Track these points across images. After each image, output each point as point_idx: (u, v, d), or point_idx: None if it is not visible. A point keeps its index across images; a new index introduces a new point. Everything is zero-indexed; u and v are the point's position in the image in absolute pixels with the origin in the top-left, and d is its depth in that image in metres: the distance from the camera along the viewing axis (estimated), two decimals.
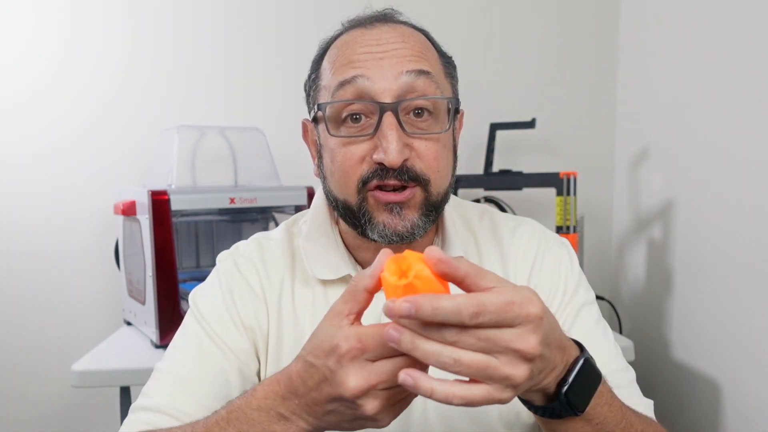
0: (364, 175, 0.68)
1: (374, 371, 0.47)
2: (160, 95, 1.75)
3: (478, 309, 0.44)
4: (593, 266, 1.91)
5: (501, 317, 0.45)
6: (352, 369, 0.48)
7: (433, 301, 0.43)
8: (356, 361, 0.48)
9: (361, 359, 0.48)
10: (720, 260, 1.42)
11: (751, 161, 1.32)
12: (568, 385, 0.53)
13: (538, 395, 0.54)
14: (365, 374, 0.47)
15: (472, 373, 0.45)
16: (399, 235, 0.69)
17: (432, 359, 0.45)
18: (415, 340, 0.45)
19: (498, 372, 0.45)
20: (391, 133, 0.66)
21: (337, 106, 0.69)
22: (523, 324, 0.45)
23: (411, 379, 0.45)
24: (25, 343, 1.73)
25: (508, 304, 0.45)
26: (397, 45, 0.69)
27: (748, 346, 1.34)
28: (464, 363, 0.44)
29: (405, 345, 0.45)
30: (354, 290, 0.50)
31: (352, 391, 0.47)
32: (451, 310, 0.43)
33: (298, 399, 0.51)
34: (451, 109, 0.71)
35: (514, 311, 0.45)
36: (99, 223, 1.73)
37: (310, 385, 0.50)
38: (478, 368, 0.45)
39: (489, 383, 0.45)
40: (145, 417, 0.69)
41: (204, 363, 0.73)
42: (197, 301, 0.78)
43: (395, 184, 0.68)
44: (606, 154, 1.93)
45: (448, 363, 0.44)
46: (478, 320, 0.44)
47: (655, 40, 1.70)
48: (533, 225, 0.84)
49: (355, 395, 0.47)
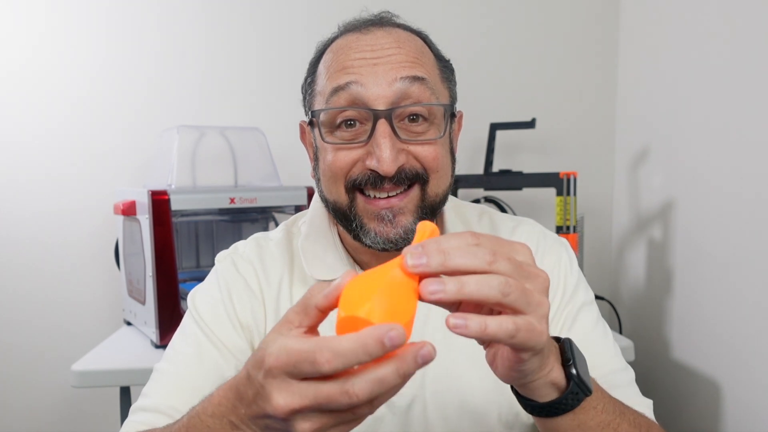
0: (355, 177, 0.68)
1: (297, 392, 0.42)
2: (160, 95, 1.75)
3: (472, 232, 0.45)
4: (593, 266, 1.91)
5: (497, 241, 0.45)
6: (276, 385, 0.42)
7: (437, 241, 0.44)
8: (280, 379, 0.42)
9: (284, 377, 0.42)
10: (720, 260, 1.42)
11: (751, 161, 1.32)
12: (574, 363, 0.52)
13: (549, 387, 0.52)
14: (288, 394, 0.42)
15: (516, 295, 0.43)
16: (392, 242, 0.69)
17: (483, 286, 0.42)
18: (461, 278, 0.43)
19: (534, 296, 0.44)
20: (385, 141, 0.66)
21: (331, 112, 0.69)
22: (520, 251, 0.46)
23: (463, 321, 0.42)
24: (25, 343, 1.73)
25: (496, 237, 0.46)
26: (392, 51, 0.69)
27: (748, 346, 1.34)
28: (510, 282, 0.43)
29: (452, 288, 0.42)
30: (306, 304, 0.45)
31: (276, 410, 0.42)
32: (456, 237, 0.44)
33: (244, 409, 0.47)
34: (446, 114, 0.71)
35: (507, 242, 0.46)
36: (99, 223, 1.73)
37: (248, 398, 0.46)
38: (520, 290, 0.43)
39: (526, 312, 0.44)
40: (144, 418, 0.69)
41: (202, 363, 0.73)
42: (196, 302, 0.78)
43: (390, 189, 0.68)
44: (606, 154, 1.93)
45: (502, 284, 0.42)
46: (478, 240, 0.44)
47: (655, 40, 1.70)
48: (533, 225, 0.84)
49: (280, 415, 0.42)
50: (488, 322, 0.43)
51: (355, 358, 0.39)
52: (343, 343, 0.40)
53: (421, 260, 0.42)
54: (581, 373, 0.52)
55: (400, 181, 0.68)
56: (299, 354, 0.41)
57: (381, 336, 0.39)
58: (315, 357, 0.40)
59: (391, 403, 0.42)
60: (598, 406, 0.56)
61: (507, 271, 0.44)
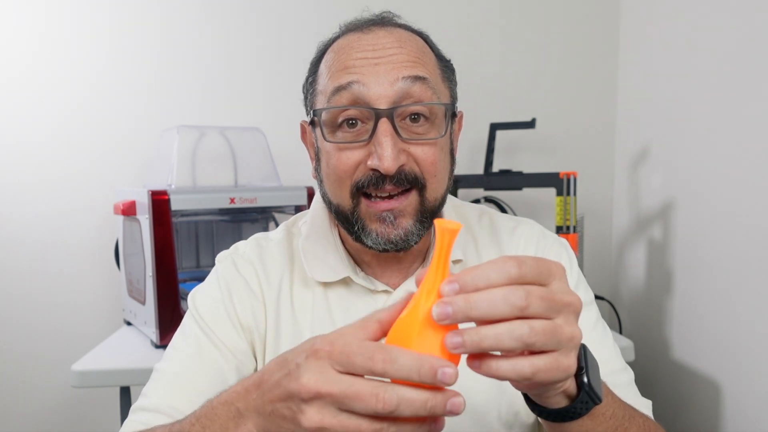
0: (359, 180, 0.68)
1: (332, 378, 0.43)
2: (160, 95, 1.75)
3: (519, 258, 0.44)
4: (593, 266, 1.91)
5: (538, 268, 0.44)
6: (314, 366, 0.44)
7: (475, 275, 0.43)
8: (321, 362, 0.44)
9: (327, 362, 0.43)
10: (720, 260, 1.42)
11: (751, 161, 1.32)
12: (586, 371, 0.51)
13: (560, 396, 0.52)
14: (320, 376, 0.43)
15: (542, 340, 0.43)
16: (392, 243, 0.69)
17: (505, 338, 0.42)
18: (479, 330, 0.42)
19: (564, 332, 0.44)
20: (386, 140, 0.66)
21: (332, 111, 0.69)
22: (556, 276, 0.46)
23: (479, 362, 0.43)
24: (26, 343, 1.73)
25: (536, 259, 0.45)
26: (394, 50, 0.69)
27: (748, 346, 1.34)
28: (537, 329, 0.42)
29: (470, 341, 0.42)
30: (369, 317, 0.47)
31: (302, 387, 0.43)
32: (496, 266, 0.43)
33: (259, 392, 0.48)
34: (447, 114, 0.71)
35: (546, 264, 0.45)
36: (99, 223, 1.73)
37: (275, 379, 0.46)
38: (547, 332, 0.43)
39: (555, 349, 0.44)
40: (144, 417, 0.69)
41: (202, 363, 0.73)
42: (196, 302, 0.78)
43: (391, 189, 0.68)
44: (606, 154, 1.93)
45: (524, 334, 0.42)
46: (522, 269, 0.43)
47: (655, 40, 1.70)
48: (532, 225, 0.84)
49: (302, 393, 0.43)
50: (500, 365, 0.43)
51: (407, 372, 0.41)
52: (404, 354, 0.42)
53: (446, 310, 0.42)
54: (593, 382, 0.52)
55: (399, 182, 0.68)
56: (359, 347, 0.43)
57: (437, 367, 0.41)
58: (373, 354, 0.42)
59: None
60: (607, 413, 0.56)
61: (539, 312, 0.43)
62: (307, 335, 0.75)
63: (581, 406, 0.52)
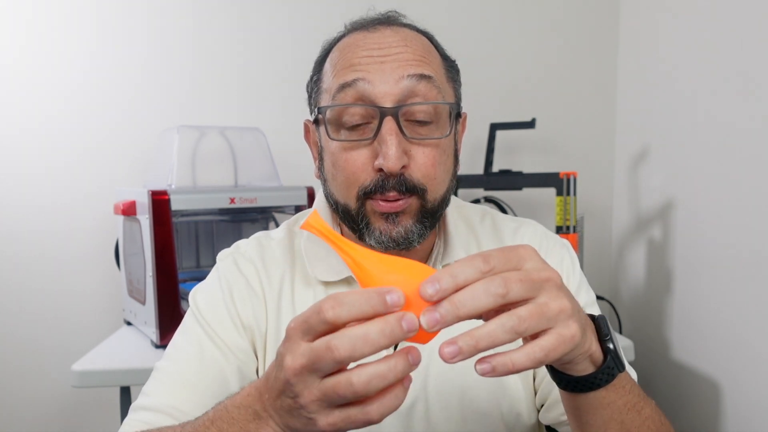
0: (366, 185, 0.68)
1: (299, 351, 0.44)
2: (160, 95, 1.75)
3: (483, 254, 0.45)
4: (593, 266, 1.91)
5: (505, 257, 0.45)
6: (288, 347, 0.45)
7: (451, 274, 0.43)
8: (293, 340, 0.45)
9: (297, 338, 0.44)
10: (720, 260, 1.42)
11: (751, 161, 1.32)
12: (611, 338, 0.53)
13: (586, 362, 0.52)
14: (294, 354, 0.44)
15: (532, 323, 0.44)
16: (394, 240, 0.69)
17: (499, 333, 0.43)
18: (473, 332, 0.43)
19: (551, 308, 0.45)
20: (391, 138, 0.66)
21: (337, 109, 0.69)
22: (526, 258, 0.47)
23: (489, 365, 0.44)
24: (26, 343, 1.73)
25: (500, 250, 0.46)
26: (399, 49, 0.69)
27: (748, 346, 1.34)
28: (524, 315, 0.44)
29: (466, 346, 0.43)
30: None
31: (286, 371, 0.44)
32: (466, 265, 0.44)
33: (268, 394, 0.49)
34: (452, 114, 0.71)
35: (513, 249, 0.47)
36: (99, 223, 1.73)
37: (274, 375, 0.48)
38: (534, 314, 0.44)
39: (550, 327, 0.45)
40: (145, 417, 0.69)
41: (203, 362, 0.73)
42: (197, 300, 0.78)
43: (395, 196, 0.68)
44: (606, 154, 1.93)
45: (514, 324, 0.43)
46: (490, 263, 0.44)
47: (654, 40, 1.70)
48: (535, 226, 0.84)
49: (289, 377, 0.44)
50: (514, 358, 0.44)
51: (357, 308, 0.42)
52: (348, 294, 0.43)
53: (435, 317, 0.42)
54: (618, 349, 0.53)
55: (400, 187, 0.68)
56: (310, 309, 0.44)
57: (384, 292, 0.42)
58: (320, 306, 0.43)
59: None
60: (626, 386, 0.57)
61: (521, 294, 0.44)
62: None
63: (607, 371, 0.53)
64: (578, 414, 0.57)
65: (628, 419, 0.57)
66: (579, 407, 0.57)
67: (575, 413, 0.58)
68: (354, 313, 0.42)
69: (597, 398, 0.54)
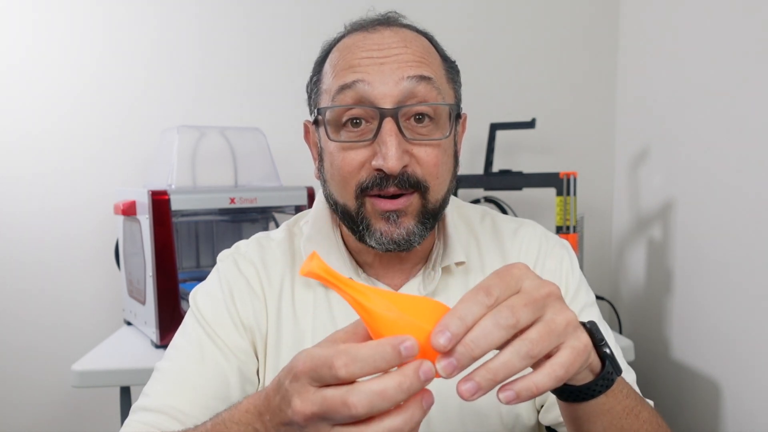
0: (363, 182, 0.68)
1: (310, 398, 0.42)
2: (160, 95, 1.75)
3: (483, 286, 0.44)
4: (593, 266, 1.91)
5: (504, 283, 0.45)
6: (297, 390, 0.43)
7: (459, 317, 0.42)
8: (301, 383, 0.43)
9: (306, 382, 0.43)
10: (720, 260, 1.42)
11: (751, 161, 1.32)
12: (606, 343, 0.52)
13: (586, 371, 0.52)
14: (304, 399, 0.42)
15: (545, 344, 0.44)
16: (395, 242, 0.69)
17: (515, 361, 0.42)
18: (488, 366, 0.43)
19: (558, 323, 0.45)
20: (391, 139, 0.65)
21: (337, 110, 0.69)
22: (522, 277, 0.46)
23: (512, 392, 0.43)
24: (26, 343, 1.73)
25: (497, 276, 0.45)
26: (399, 50, 0.69)
27: (748, 346, 1.34)
28: (535, 338, 0.43)
29: (484, 381, 0.42)
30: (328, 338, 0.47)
31: (295, 415, 0.43)
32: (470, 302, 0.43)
33: (269, 416, 0.48)
34: (452, 115, 0.71)
35: (508, 273, 0.46)
36: (99, 223, 1.73)
37: (275, 405, 0.47)
38: (544, 334, 0.44)
39: (562, 341, 0.45)
40: (145, 417, 0.69)
41: (204, 363, 0.73)
42: (197, 301, 0.78)
43: (395, 191, 0.68)
44: (606, 154, 1.93)
45: (529, 349, 0.43)
46: (493, 294, 0.43)
47: (654, 40, 1.70)
48: (534, 227, 0.84)
49: (299, 421, 0.43)
50: (537, 381, 0.44)
51: (372, 363, 0.41)
52: (361, 349, 0.41)
53: (452, 363, 0.42)
54: (613, 352, 0.53)
55: (402, 184, 0.67)
56: (320, 359, 0.42)
57: (397, 343, 0.40)
58: (333, 361, 0.41)
59: None
60: (624, 390, 0.57)
61: (530, 318, 0.44)
62: (309, 335, 0.75)
63: (606, 377, 0.53)
64: (578, 423, 0.57)
65: (627, 424, 0.57)
66: (578, 416, 0.56)
67: (575, 423, 0.58)
68: (368, 370, 0.41)
69: (596, 406, 0.54)
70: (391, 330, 0.43)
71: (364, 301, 0.44)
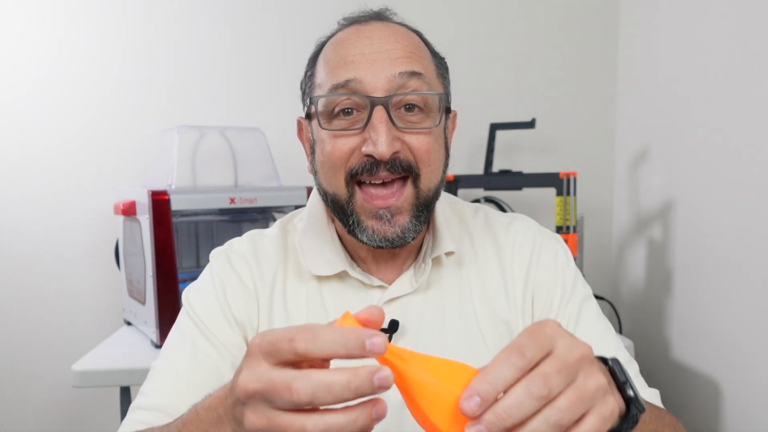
0: (353, 167, 0.69)
1: (256, 374, 0.41)
2: (160, 95, 1.75)
3: (516, 347, 0.42)
4: (593, 266, 1.91)
5: (537, 344, 0.43)
6: (247, 364, 0.42)
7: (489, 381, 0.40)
8: (254, 358, 0.42)
9: (260, 357, 0.42)
10: (720, 260, 1.42)
11: (751, 161, 1.32)
12: (630, 384, 0.50)
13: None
14: (251, 374, 0.41)
15: (575, 412, 0.42)
16: (389, 240, 0.70)
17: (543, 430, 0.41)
18: None
19: (589, 388, 0.43)
20: (381, 126, 0.66)
21: (329, 100, 0.70)
22: (555, 336, 0.44)
23: None
24: (26, 342, 1.73)
25: (530, 336, 0.43)
26: (390, 45, 0.70)
27: (748, 346, 1.34)
28: (565, 407, 0.41)
29: None
30: None
31: (239, 390, 0.42)
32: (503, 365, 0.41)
33: (230, 399, 0.47)
34: (442, 106, 0.72)
35: (541, 331, 0.43)
36: (99, 223, 1.73)
37: (232, 384, 0.46)
38: (575, 400, 0.42)
39: (592, 406, 0.43)
40: (143, 416, 0.69)
41: (198, 360, 0.73)
42: (190, 299, 0.78)
43: (385, 176, 0.68)
44: (606, 154, 1.93)
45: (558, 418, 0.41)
46: (526, 357, 0.41)
47: (654, 40, 1.70)
48: (527, 221, 0.85)
49: (239, 395, 0.42)
50: None
51: (331, 346, 0.40)
52: (326, 329, 0.40)
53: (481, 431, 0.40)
54: (636, 392, 0.50)
55: (394, 168, 0.68)
56: (282, 333, 0.41)
57: (365, 337, 0.39)
58: (295, 334, 0.40)
59: (386, 396, 0.42)
60: (646, 419, 0.55)
61: (563, 386, 0.42)
62: None
63: (632, 419, 0.50)
64: None
65: None
66: None
67: None
68: (327, 351, 0.40)
69: None
70: (417, 389, 0.42)
71: (393, 360, 0.43)
